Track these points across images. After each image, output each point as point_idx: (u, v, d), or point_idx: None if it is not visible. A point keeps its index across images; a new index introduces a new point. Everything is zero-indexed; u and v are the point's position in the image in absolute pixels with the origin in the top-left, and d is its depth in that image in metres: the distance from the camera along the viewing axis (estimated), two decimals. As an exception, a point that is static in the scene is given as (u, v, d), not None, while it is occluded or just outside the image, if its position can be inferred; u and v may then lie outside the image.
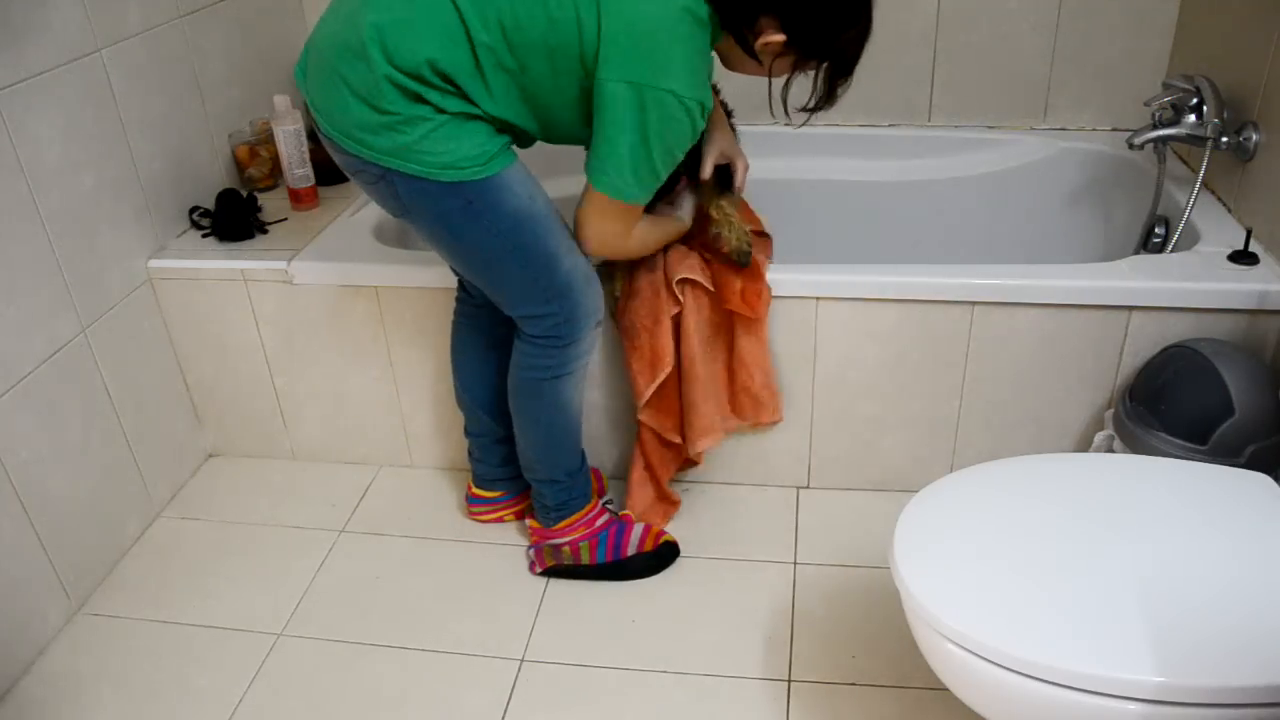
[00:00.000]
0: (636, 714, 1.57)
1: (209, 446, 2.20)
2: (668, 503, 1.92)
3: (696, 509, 1.97)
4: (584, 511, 1.79)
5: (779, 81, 1.51)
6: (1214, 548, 1.19)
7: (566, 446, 1.75)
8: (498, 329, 1.74)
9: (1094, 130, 2.31)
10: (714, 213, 1.75)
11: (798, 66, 1.48)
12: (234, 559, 1.92)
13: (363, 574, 1.87)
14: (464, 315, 1.83)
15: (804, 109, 1.51)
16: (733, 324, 1.82)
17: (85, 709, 1.63)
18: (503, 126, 1.50)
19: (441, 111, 1.43)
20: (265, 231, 2.07)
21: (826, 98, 1.51)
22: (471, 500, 1.96)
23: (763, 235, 1.88)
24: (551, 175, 1.88)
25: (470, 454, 1.92)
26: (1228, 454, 1.58)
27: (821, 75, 1.49)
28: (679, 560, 1.85)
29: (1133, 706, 1.05)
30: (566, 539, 1.79)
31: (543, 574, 1.83)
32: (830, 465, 1.98)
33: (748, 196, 1.85)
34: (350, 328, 1.98)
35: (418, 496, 2.05)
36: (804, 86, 1.50)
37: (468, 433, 1.90)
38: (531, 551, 1.85)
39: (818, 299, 1.80)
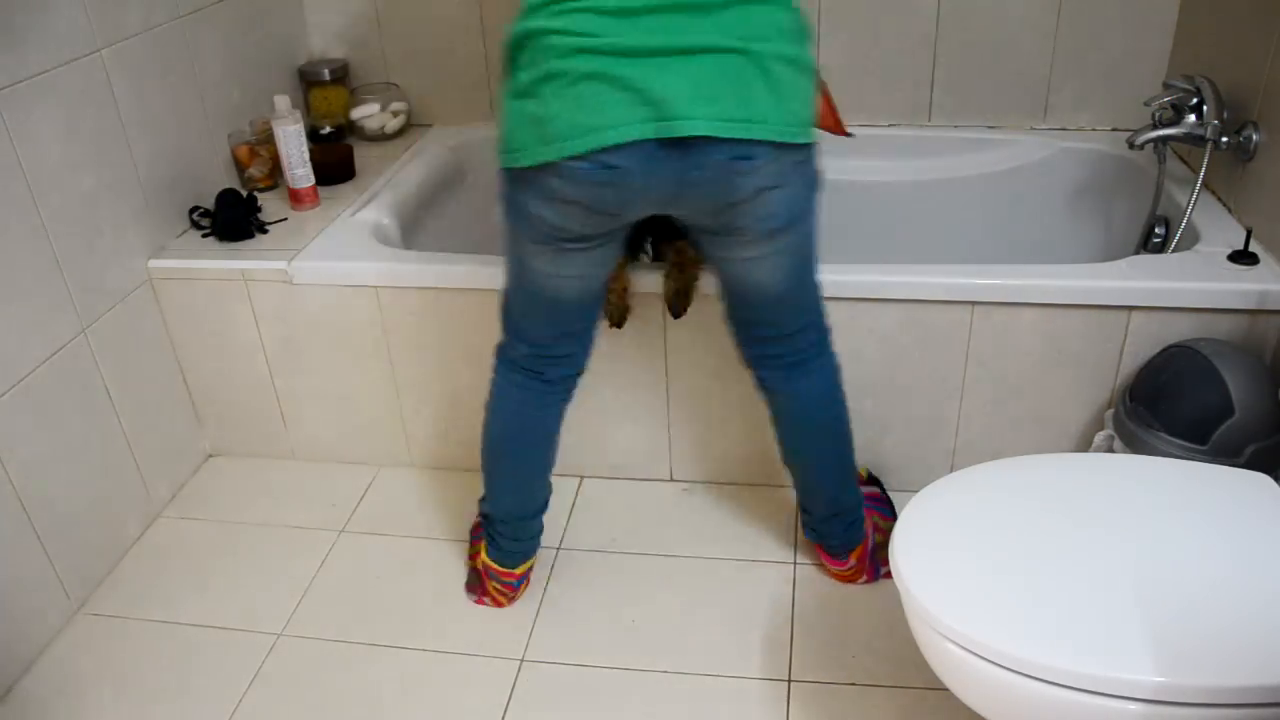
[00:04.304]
0: (636, 714, 1.57)
1: (209, 446, 2.20)
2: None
3: (696, 509, 1.97)
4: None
5: None
6: (1214, 548, 1.19)
7: None
8: (570, 393, 1.63)
9: (1094, 130, 2.31)
10: (672, 255, 1.76)
11: None
12: (234, 559, 1.92)
13: (363, 574, 1.87)
14: (542, 390, 1.60)
15: None
16: None
17: (85, 709, 1.63)
18: None
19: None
20: (265, 231, 2.07)
21: None
22: (517, 583, 1.76)
23: None
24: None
25: (511, 538, 1.71)
26: (1228, 454, 1.58)
27: None
28: (679, 560, 1.85)
29: (1133, 706, 1.05)
30: (872, 531, 1.76)
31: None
32: (830, 465, 1.98)
33: None
34: (350, 328, 1.98)
35: (418, 496, 2.05)
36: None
37: (524, 516, 1.70)
38: (879, 572, 1.76)
39: (818, 299, 1.80)
